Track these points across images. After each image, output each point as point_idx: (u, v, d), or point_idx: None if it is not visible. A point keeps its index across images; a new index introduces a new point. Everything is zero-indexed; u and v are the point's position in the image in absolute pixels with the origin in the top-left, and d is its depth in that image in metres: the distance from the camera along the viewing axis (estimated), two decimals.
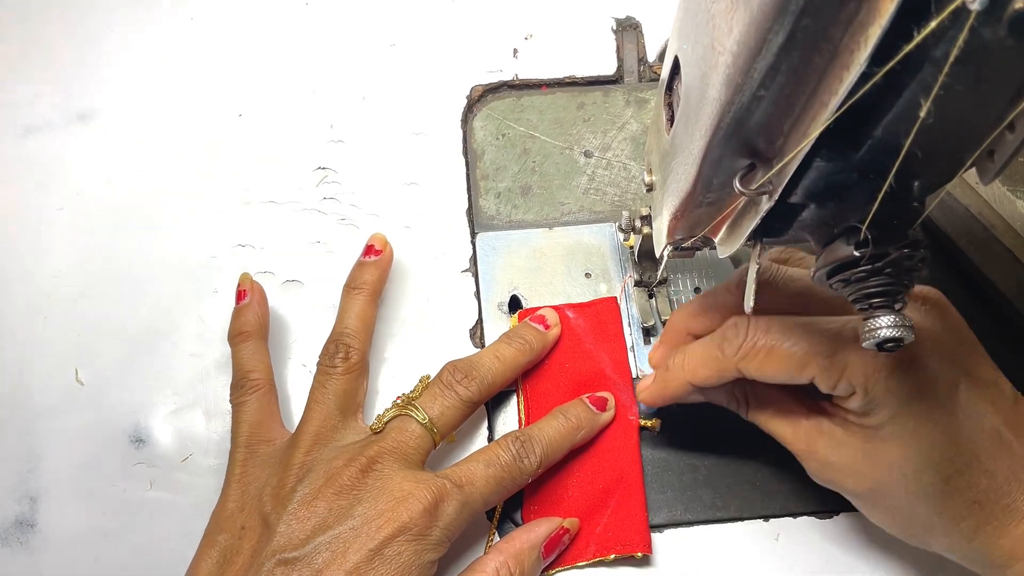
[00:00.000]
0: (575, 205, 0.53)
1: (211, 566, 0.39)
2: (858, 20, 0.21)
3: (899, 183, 0.26)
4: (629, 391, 0.47)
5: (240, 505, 0.40)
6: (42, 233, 0.52)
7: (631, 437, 0.45)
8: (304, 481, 0.39)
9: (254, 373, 0.45)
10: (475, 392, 0.43)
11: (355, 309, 0.46)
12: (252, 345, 0.46)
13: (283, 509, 0.38)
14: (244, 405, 0.44)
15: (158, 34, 0.58)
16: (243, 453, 0.42)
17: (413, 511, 0.37)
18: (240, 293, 0.48)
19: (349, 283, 0.47)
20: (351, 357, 0.44)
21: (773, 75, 0.24)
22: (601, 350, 0.47)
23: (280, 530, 0.37)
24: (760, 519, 0.45)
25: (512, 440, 0.42)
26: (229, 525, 0.40)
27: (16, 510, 0.46)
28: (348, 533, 0.37)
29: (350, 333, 0.45)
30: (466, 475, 0.40)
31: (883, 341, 0.29)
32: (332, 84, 0.57)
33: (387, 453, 0.40)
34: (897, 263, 0.28)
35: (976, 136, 0.24)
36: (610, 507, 0.44)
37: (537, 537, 0.42)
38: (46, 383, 0.48)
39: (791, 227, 0.31)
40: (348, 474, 0.39)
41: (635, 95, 0.56)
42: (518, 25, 0.58)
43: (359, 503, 0.38)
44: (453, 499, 0.39)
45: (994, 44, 0.20)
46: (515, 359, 0.45)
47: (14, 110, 0.56)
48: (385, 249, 0.48)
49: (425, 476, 0.39)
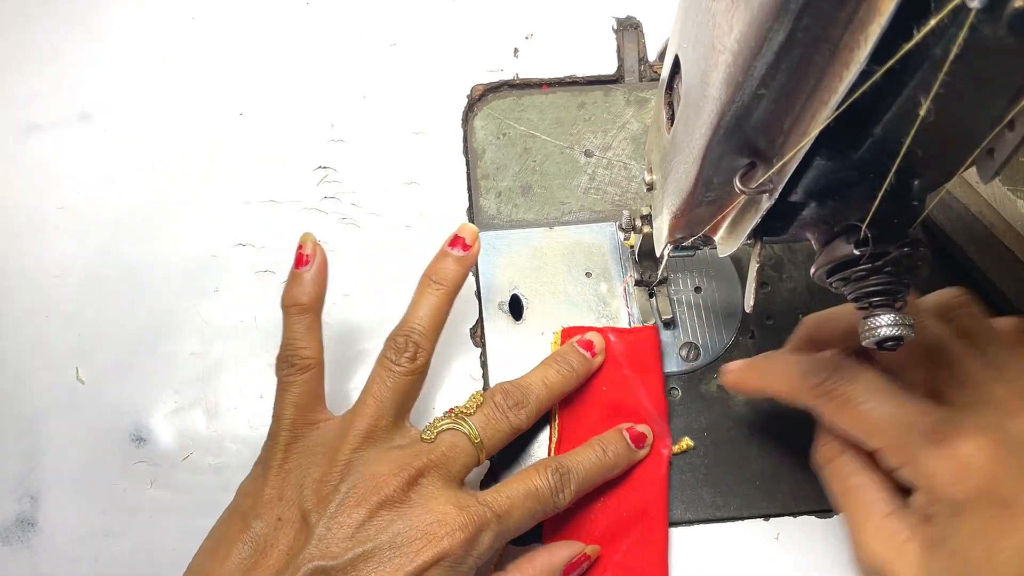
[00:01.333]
0: (576, 204, 0.53)
1: (244, 554, 0.37)
2: (858, 19, 0.21)
3: (899, 182, 0.26)
4: (663, 423, 0.46)
5: (279, 493, 0.39)
6: (43, 232, 0.52)
7: (660, 470, 0.45)
8: (347, 481, 0.38)
9: (306, 351, 0.42)
10: (524, 420, 0.43)
11: (430, 305, 0.43)
12: (308, 320, 0.42)
13: (324, 510, 0.37)
14: (292, 385, 0.41)
15: (159, 33, 0.58)
16: (287, 436, 0.40)
17: (454, 540, 0.37)
18: (299, 256, 0.43)
19: (430, 273, 0.44)
20: (418, 359, 0.42)
21: (773, 74, 0.24)
22: (638, 378, 0.47)
23: (319, 533, 0.36)
24: (760, 518, 0.45)
25: (552, 472, 0.41)
26: (266, 512, 0.38)
27: (17, 509, 0.46)
28: (388, 552, 0.36)
29: (421, 331, 0.42)
30: (506, 505, 0.39)
31: (883, 340, 0.29)
32: (333, 83, 0.57)
33: (434, 467, 0.39)
34: (897, 262, 0.28)
35: (976, 135, 0.25)
36: (632, 538, 0.44)
37: (559, 560, 0.41)
38: (47, 382, 0.49)
39: (791, 226, 0.31)
40: (394, 485, 0.38)
41: (636, 94, 0.56)
42: (519, 24, 0.58)
43: (400, 519, 0.37)
44: (492, 529, 0.38)
45: (994, 42, 0.20)
46: (561, 387, 0.45)
47: (15, 109, 0.56)
48: (474, 245, 0.44)
49: (468, 501, 0.38)
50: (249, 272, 0.51)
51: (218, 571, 0.37)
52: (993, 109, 0.23)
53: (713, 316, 0.50)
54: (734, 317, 0.50)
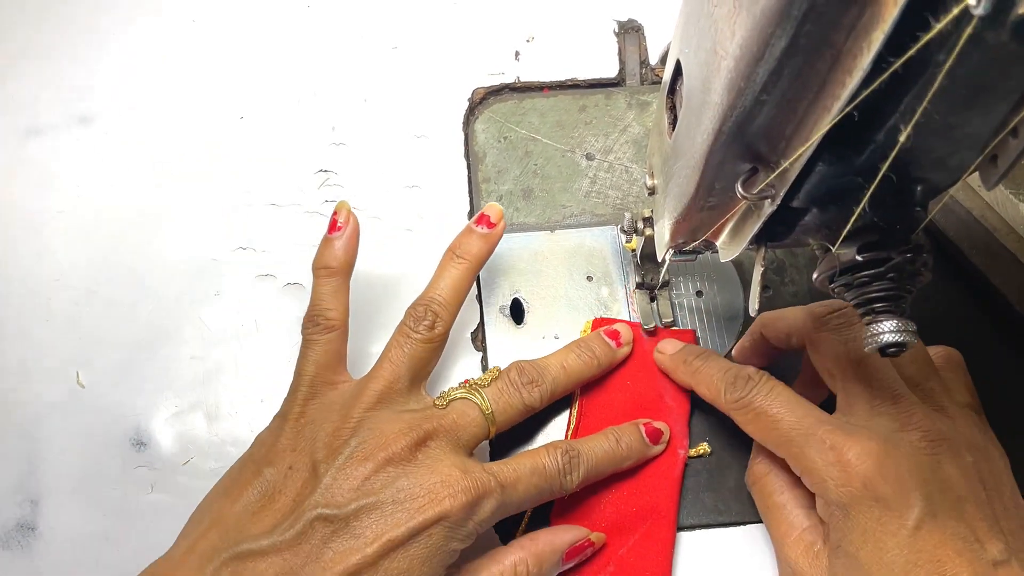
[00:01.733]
0: (577, 208, 0.53)
1: (253, 497, 0.38)
2: (861, 25, 0.21)
3: (901, 188, 0.26)
4: (683, 423, 0.46)
5: (293, 444, 0.40)
6: (43, 235, 0.52)
7: (674, 470, 0.45)
8: (357, 436, 0.39)
9: (331, 312, 0.43)
10: (536, 399, 0.43)
11: (452, 277, 0.44)
12: (335, 283, 0.44)
13: (332, 461, 0.38)
14: (315, 344, 0.43)
15: (160, 36, 0.58)
16: (305, 392, 0.42)
17: (456, 502, 0.37)
18: (333, 223, 0.45)
19: (454, 248, 0.45)
20: (436, 328, 0.43)
21: (775, 80, 0.24)
22: (665, 377, 0.47)
23: (325, 482, 0.37)
24: (761, 523, 0.45)
25: (561, 453, 0.41)
26: (278, 460, 0.39)
27: (17, 513, 0.46)
28: (390, 505, 0.37)
29: (441, 302, 0.44)
30: (511, 477, 0.40)
31: (885, 346, 0.29)
32: (334, 86, 0.57)
33: (443, 432, 0.40)
34: (899, 268, 0.28)
35: (979, 141, 0.24)
36: (639, 533, 0.44)
37: (561, 542, 0.42)
38: (47, 386, 0.48)
39: (794, 231, 0.31)
40: (401, 443, 0.38)
41: (637, 98, 0.56)
42: (520, 27, 0.58)
43: (405, 477, 0.38)
44: (494, 498, 0.38)
45: (997, 49, 0.19)
46: (580, 372, 0.45)
47: (15, 112, 0.56)
48: (499, 224, 0.46)
49: (473, 468, 0.39)
50: (250, 276, 0.51)
51: (227, 511, 0.38)
52: (996, 115, 0.23)
53: (715, 320, 0.50)
54: (736, 321, 0.50)
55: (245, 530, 0.37)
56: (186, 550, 0.37)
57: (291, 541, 0.36)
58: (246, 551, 0.36)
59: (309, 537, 0.36)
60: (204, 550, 0.36)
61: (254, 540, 0.36)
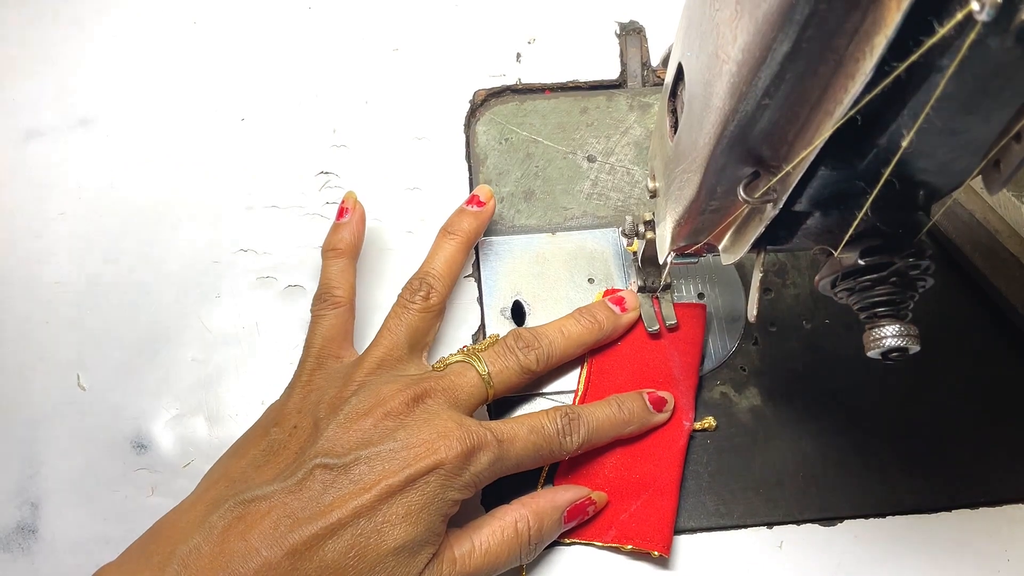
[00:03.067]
0: (578, 210, 0.53)
1: (257, 453, 0.40)
2: (863, 30, 0.21)
3: (904, 192, 0.26)
4: (691, 395, 0.46)
5: (299, 407, 0.42)
6: (43, 238, 0.52)
7: (679, 440, 0.45)
8: (357, 396, 0.40)
9: (338, 290, 0.46)
10: (533, 361, 0.44)
11: (445, 253, 0.47)
12: (342, 263, 0.47)
13: (333, 417, 0.40)
14: (322, 318, 0.45)
15: (160, 38, 0.58)
16: (312, 363, 0.44)
17: (451, 451, 0.38)
18: (341, 210, 0.49)
19: (446, 227, 0.48)
20: (431, 298, 0.45)
21: (778, 84, 0.24)
22: (675, 349, 0.47)
23: (327, 435, 0.39)
24: (763, 526, 0.45)
25: (561, 415, 0.42)
26: (284, 421, 0.41)
27: (17, 516, 0.46)
28: (387, 454, 0.38)
29: (435, 275, 0.46)
30: (508, 433, 0.41)
31: (888, 351, 0.29)
32: (335, 88, 0.56)
33: (440, 392, 0.41)
34: (902, 273, 0.28)
35: (982, 146, 0.24)
36: (641, 499, 0.44)
37: (562, 500, 0.43)
38: (48, 388, 0.48)
39: (795, 235, 0.31)
40: (399, 399, 0.40)
41: (638, 100, 0.56)
42: (521, 29, 0.58)
43: (403, 429, 0.39)
44: (490, 450, 0.39)
45: (1001, 54, 0.19)
46: (580, 337, 0.46)
47: (15, 114, 0.56)
48: (489, 202, 0.49)
49: (469, 422, 0.40)
50: (251, 278, 0.51)
51: (234, 466, 0.40)
52: (999, 121, 0.23)
53: (716, 322, 0.49)
54: (737, 323, 0.49)
55: (250, 480, 0.39)
56: (195, 500, 0.39)
57: (293, 487, 0.37)
58: (250, 497, 0.37)
59: (310, 484, 0.37)
60: (211, 499, 0.38)
61: (258, 487, 0.38)
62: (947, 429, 0.47)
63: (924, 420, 0.47)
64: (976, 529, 0.45)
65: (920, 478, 0.46)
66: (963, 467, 0.46)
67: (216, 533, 0.36)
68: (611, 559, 0.44)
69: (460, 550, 0.39)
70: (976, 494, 0.46)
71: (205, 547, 0.36)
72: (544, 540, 0.42)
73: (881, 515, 0.45)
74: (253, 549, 0.35)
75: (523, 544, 0.41)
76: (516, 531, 0.41)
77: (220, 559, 0.35)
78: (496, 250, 0.51)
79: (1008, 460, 0.46)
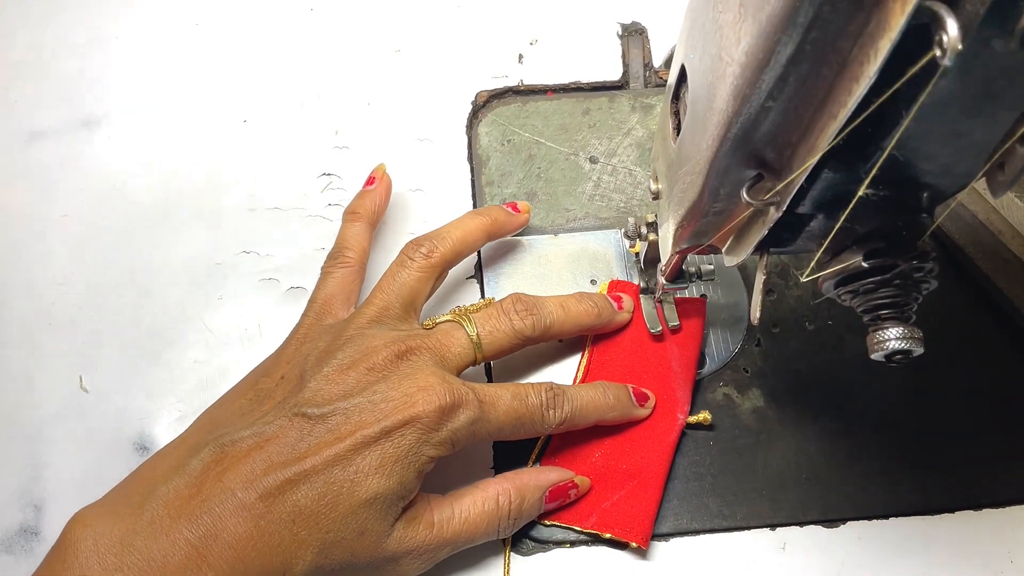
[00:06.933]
0: (580, 211, 0.53)
1: (244, 402, 0.41)
2: (867, 33, 0.21)
3: (908, 195, 0.26)
4: (688, 388, 0.47)
5: (290, 359, 0.42)
6: (46, 240, 0.52)
7: (671, 433, 0.45)
8: (344, 349, 0.40)
9: (349, 251, 0.47)
10: (528, 327, 0.44)
11: (466, 223, 0.47)
12: (359, 227, 0.48)
13: (319, 369, 0.40)
14: (329, 276, 0.46)
15: (163, 40, 0.58)
16: (311, 318, 0.44)
17: (429, 405, 0.38)
18: (370, 179, 0.50)
19: (479, 209, 0.50)
20: (432, 256, 0.44)
21: (781, 87, 0.24)
22: (675, 343, 0.47)
23: (310, 386, 0.39)
24: (766, 528, 0.45)
25: (546, 389, 0.43)
26: (274, 371, 0.42)
27: (20, 518, 0.46)
28: (365, 405, 0.38)
29: (443, 236, 0.45)
30: (491, 396, 0.41)
31: (892, 353, 0.28)
32: (337, 90, 0.56)
33: (427, 349, 0.41)
34: (906, 275, 0.28)
35: (986, 149, 0.24)
36: (626, 489, 0.44)
37: (545, 480, 0.43)
38: (50, 390, 0.48)
39: (799, 237, 0.31)
40: (384, 354, 0.40)
41: (641, 101, 0.56)
42: (523, 30, 0.58)
43: (384, 382, 0.39)
44: (470, 409, 0.39)
45: (1005, 57, 0.19)
46: (579, 316, 0.46)
47: (19, 116, 0.56)
48: (525, 213, 0.50)
49: (452, 379, 0.40)
50: (254, 280, 0.51)
51: (220, 414, 0.41)
52: (1003, 123, 0.23)
53: (719, 324, 0.49)
54: (740, 325, 0.49)
55: (232, 425, 0.39)
56: (178, 443, 0.40)
57: (271, 433, 0.38)
58: (228, 440, 0.38)
59: (287, 431, 0.38)
60: (193, 443, 0.39)
61: (237, 431, 0.38)
62: (950, 430, 0.47)
63: (927, 421, 0.47)
64: (980, 531, 0.45)
65: (923, 479, 0.46)
66: (966, 469, 0.46)
67: (195, 475, 0.37)
68: (612, 559, 0.44)
69: (440, 515, 0.40)
70: (979, 495, 0.46)
71: (183, 488, 0.36)
72: (524, 517, 0.43)
73: (884, 516, 0.45)
74: (228, 490, 0.36)
75: (503, 517, 0.41)
76: (497, 504, 0.41)
77: (196, 499, 0.36)
78: (498, 251, 0.51)
79: (1012, 462, 0.46)
